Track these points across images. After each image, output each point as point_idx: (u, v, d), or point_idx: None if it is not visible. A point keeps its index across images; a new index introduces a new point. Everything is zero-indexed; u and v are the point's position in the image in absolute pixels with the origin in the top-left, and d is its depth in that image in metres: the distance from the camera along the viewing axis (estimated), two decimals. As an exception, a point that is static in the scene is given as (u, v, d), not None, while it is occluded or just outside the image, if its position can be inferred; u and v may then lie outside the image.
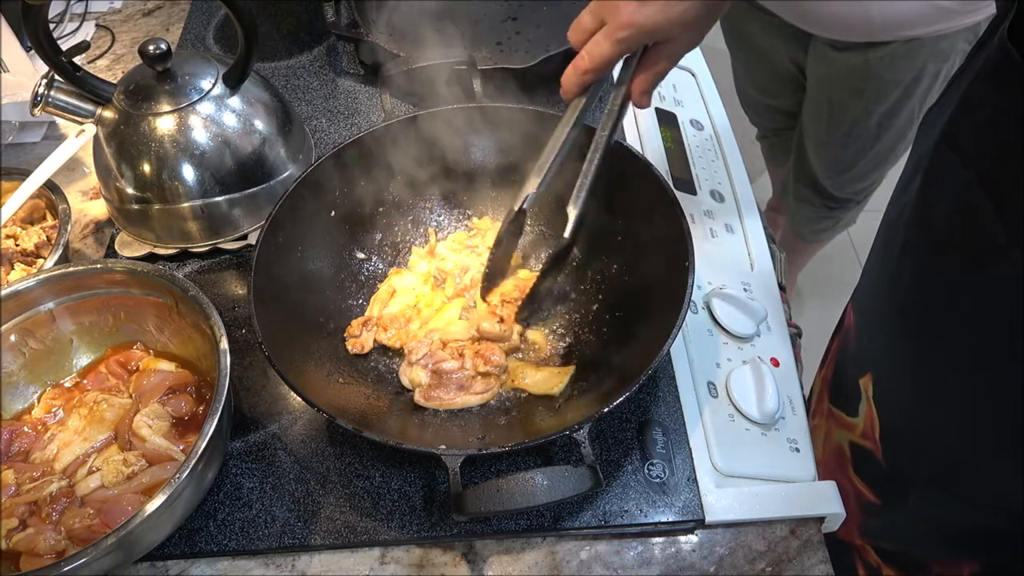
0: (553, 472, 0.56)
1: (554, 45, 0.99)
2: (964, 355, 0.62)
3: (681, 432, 0.70)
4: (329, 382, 0.70)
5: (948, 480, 0.68)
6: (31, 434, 0.69)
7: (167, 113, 0.79)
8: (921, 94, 1.19)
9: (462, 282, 0.81)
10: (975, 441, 0.64)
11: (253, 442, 0.72)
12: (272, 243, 0.71)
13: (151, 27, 1.22)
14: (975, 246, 0.57)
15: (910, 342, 0.69)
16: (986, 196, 0.55)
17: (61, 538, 0.61)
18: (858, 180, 1.41)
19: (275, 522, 0.67)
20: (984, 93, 0.56)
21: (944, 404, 0.66)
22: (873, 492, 0.77)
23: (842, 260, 2.06)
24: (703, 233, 0.87)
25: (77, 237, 0.92)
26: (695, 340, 0.77)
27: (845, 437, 0.80)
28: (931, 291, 0.64)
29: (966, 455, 0.66)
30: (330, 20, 1.04)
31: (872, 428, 0.75)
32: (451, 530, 0.66)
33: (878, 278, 0.75)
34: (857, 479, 0.78)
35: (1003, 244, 0.54)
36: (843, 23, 1.11)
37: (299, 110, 1.04)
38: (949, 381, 0.64)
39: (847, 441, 0.80)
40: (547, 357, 0.76)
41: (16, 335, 0.71)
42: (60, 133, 1.04)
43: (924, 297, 0.65)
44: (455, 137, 0.83)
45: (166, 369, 0.72)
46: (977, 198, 0.55)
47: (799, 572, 0.64)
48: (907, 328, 0.69)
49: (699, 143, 0.99)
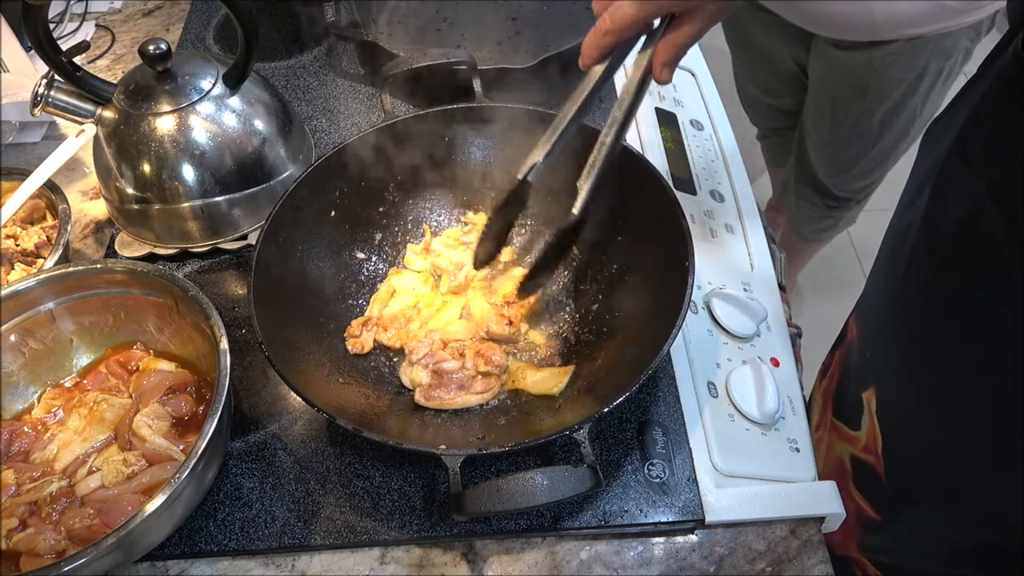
0: (553, 472, 0.56)
1: (554, 45, 0.99)
2: (968, 370, 0.62)
3: (681, 432, 0.70)
4: (329, 382, 0.70)
5: (950, 496, 0.68)
6: (31, 434, 0.69)
7: (167, 113, 0.79)
8: (924, 92, 1.19)
9: (456, 279, 0.81)
10: (978, 456, 0.64)
11: (253, 442, 0.72)
12: (272, 243, 0.71)
13: (151, 27, 1.22)
14: (983, 261, 0.57)
15: (914, 357, 0.69)
16: (997, 210, 0.54)
17: (61, 538, 0.61)
18: (859, 179, 1.41)
19: (275, 522, 0.67)
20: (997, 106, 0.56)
21: (947, 419, 0.66)
22: (873, 508, 0.76)
23: (842, 260, 2.06)
24: (703, 233, 0.87)
25: (77, 237, 0.92)
26: (695, 340, 0.76)
27: (847, 450, 0.80)
28: (936, 306, 0.64)
29: (969, 470, 0.65)
30: (330, 20, 1.04)
31: (874, 442, 0.74)
32: (451, 530, 0.66)
33: (882, 292, 0.75)
34: (857, 494, 0.78)
35: (1011, 258, 0.53)
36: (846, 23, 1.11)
37: (299, 110, 1.04)
38: (953, 396, 0.64)
39: (848, 455, 0.79)
40: (547, 357, 0.76)
41: (16, 335, 0.71)
42: (60, 133, 1.04)
43: (929, 312, 0.65)
44: (455, 137, 0.83)
45: (166, 369, 0.72)
46: (987, 212, 0.55)
47: (799, 572, 0.64)
48: (911, 343, 0.69)
49: (699, 143, 0.99)
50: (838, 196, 1.48)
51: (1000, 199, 0.54)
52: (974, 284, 0.58)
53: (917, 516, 0.72)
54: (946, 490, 0.68)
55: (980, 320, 0.59)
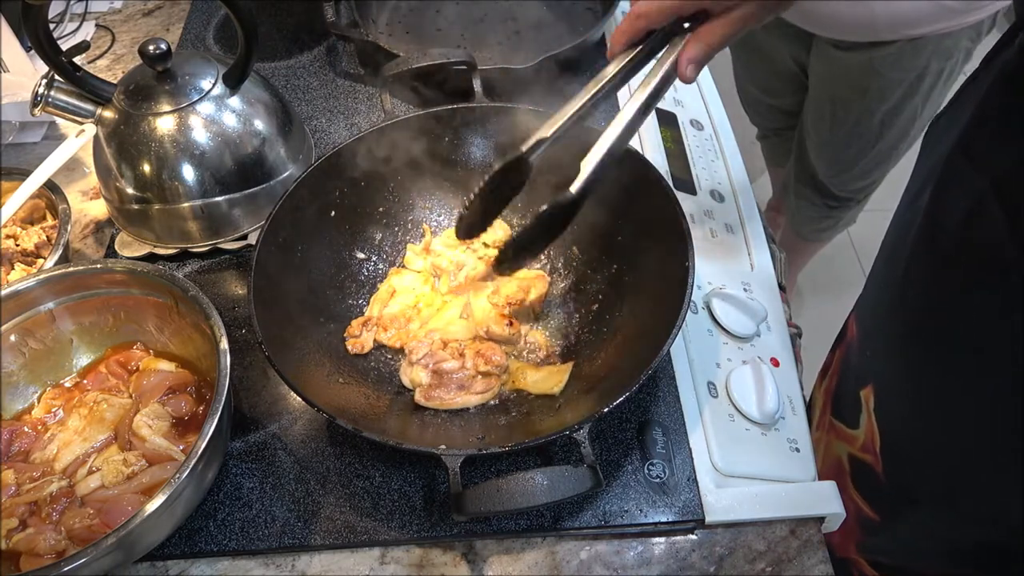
0: (553, 472, 0.56)
1: (554, 45, 0.99)
2: (968, 370, 0.62)
3: (681, 432, 0.70)
4: (329, 382, 0.70)
5: (950, 495, 0.68)
6: (31, 434, 0.69)
7: (167, 113, 0.79)
8: (924, 92, 1.19)
9: (456, 279, 0.81)
10: (977, 456, 0.64)
11: (253, 442, 0.72)
12: (272, 243, 0.71)
13: (151, 27, 1.22)
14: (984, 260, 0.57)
15: (913, 356, 0.69)
16: (1000, 208, 0.54)
17: (61, 538, 0.61)
18: (859, 179, 1.42)
19: (275, 522, 0.67)
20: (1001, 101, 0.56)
21: (947, 419, 0.66)
22: (872, 507, 0.76)
23: (842, 260, 2.06)
24: (703, 233, 0.87)
25: (77, 237, 0.92)
26: (695, 340, 0.76)
27: (844, 450, 0.80)
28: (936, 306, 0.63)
29: (968, 470, 0.65)
30: (330, 20, 1.04)
31: (872, 441, 0.74)
32: (451, 530, 0.66)
33: (882, 290, 0.74)
34: (856, 494, 0.78)
35: (1013, 258, 0.53)
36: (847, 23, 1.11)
37: (299, 110, 1.04)
38: (952, 396, 0.64)
39: (846, 454, 0.79)
40: (547, 357, 0.76)
41: (16, 335, 0.71)
42: (60, 133, 1.04)
43: (929, 312, 0.65)
44: (455, 137, 0.83)
45: (166, 369, 0.72)
46: (990, 210, 0.55)
47: (799, 572, 0.64)
48: (910, 342, 0.69)
49: (699, 143, 0.99)
50: (838, 196, 1.48)
51: (1003, 197, 0.54)
52: (975, 283, 0.58)
53: (916, 516, 0.72)
54: (945, 490, 0.68)
55: (980, 320, 0.59)
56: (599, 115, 0.99)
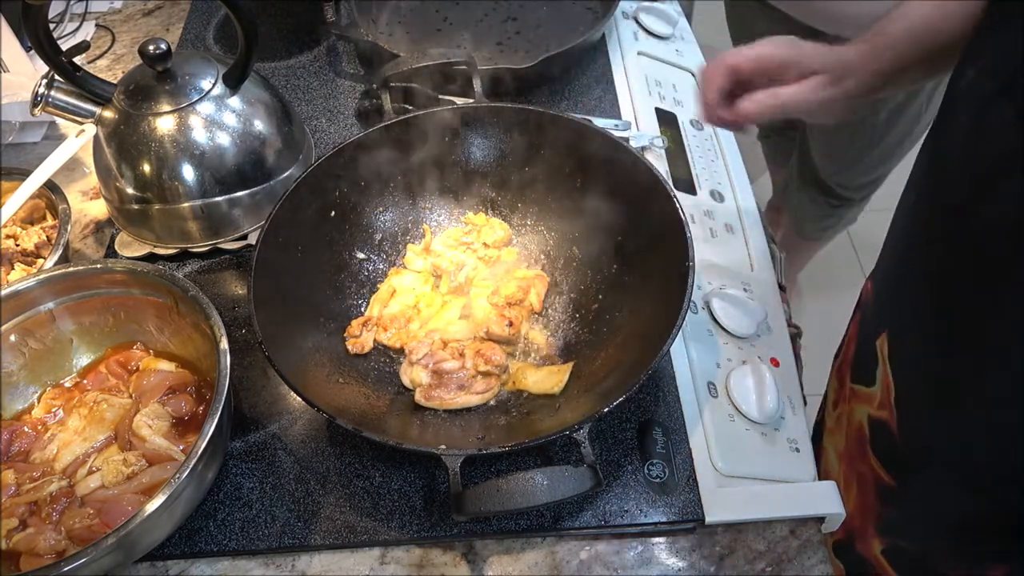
0: (553, 472, 0.56)
1: (554, 45, 0.99)
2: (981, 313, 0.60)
3: (681, 432, 0.70)
4: (329, 382, 0.70)
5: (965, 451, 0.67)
6: (31, 434, 0.69)
7: (167, 113, 0.79)
8: (929, 90, 1.19)
9: (456, 279, 0.81)
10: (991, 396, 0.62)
11: (253, 442, 0.72)
12: (272, 243, 0.71)
13: (151, 27, 1.22)
14: (991, 155, 0.55)
15: (923, 286, 0.67)
16: (1009, 104, 0.52)
17: (61, 538, 0.61)
18: (862, 176, 1.42)
19: (275, 522, 0.67)
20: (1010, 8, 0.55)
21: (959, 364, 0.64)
22: (887, 471, 0.76)
23: (842, 260, 2.06)
24: (703, 233, 0.87)
25: (77, 237, 0.92)
26: (695, 340, 0.76)
27: (864, 412, 0.79)
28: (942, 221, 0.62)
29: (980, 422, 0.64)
30: (330, 20, 1.04)
31: (888, 394, 0.73)
32: (451, 530, 0.66)
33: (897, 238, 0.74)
34: (874, 459, 0.77)
35: (1020, 148, 0.52)
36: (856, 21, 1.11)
37: (299, 110, 1.04)
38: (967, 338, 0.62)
39: (866, 416, 0.78)
40: (547, 357, 0.76)
41: (16, 335, 0.71)
42: (60, 133, 1.04)
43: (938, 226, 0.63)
44: (455, 137, 0.83)
45: (166, 369, 0.72)
46: (997, 111, 0.53)
47: (799, 572, 0.64)
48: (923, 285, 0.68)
49: (699, 143, 0.99)
50: (840, 194, 1.48)
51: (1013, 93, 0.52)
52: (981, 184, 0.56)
53: (930, 477, 0.71)
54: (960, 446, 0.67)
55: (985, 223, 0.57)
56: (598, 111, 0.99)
